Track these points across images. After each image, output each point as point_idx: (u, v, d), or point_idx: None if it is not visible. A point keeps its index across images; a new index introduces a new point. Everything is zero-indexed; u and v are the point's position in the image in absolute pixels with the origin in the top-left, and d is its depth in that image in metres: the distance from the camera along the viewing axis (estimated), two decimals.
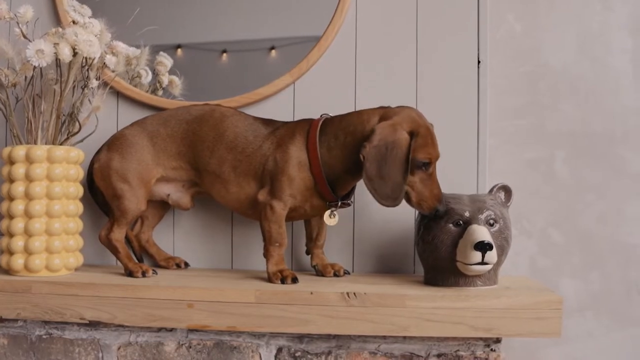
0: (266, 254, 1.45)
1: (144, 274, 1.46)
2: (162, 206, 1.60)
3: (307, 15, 1.64)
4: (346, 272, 1.52)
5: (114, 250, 1.51)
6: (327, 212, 1.44)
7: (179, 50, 1.69)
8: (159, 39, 1.67)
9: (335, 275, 1.50)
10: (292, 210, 1.44)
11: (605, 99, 1.72)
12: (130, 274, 1.47)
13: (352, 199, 1.46)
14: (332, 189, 1.41)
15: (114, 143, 1.52)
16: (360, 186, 1.47)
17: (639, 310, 1.72)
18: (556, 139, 1.74)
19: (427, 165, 1.36)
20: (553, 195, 1.74)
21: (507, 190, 1.44)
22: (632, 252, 1.72)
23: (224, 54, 1.66)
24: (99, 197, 1.58)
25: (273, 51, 1.64)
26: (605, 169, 1.73)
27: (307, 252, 1.55)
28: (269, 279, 1.42)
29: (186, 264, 1.62)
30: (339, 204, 1.43)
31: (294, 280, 1.40)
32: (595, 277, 1.73)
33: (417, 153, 1.34)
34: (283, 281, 1.40)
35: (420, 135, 1.35)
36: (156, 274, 1.50)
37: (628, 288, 1.72)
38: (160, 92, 1.68)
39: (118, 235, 1.50)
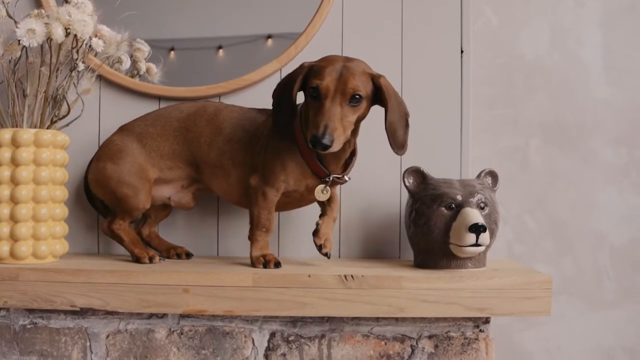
0: (251, 238, 1.44)
1: (150, 260, 1.43)
2: (164, 206, 1.57)
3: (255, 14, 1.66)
4: (329, 255, 1.45)
5: (119, 239, 1.48)
6: (319, 187, 1.40)
7: None
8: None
9: (319, 249, 1.42)
10: (287, 196, 1.43)
11: (576, 91, 1.79)
12: (137, 259, 1.44)
13: (347, 176, 1.43)
14: (324, 166, 1.40)
15: (103, 151, 1.50)
16: None
17: (609, 294, 1.79)
18: (530, 128, 1.79)
19: (317, 94, 1.30)
20: (527, 183, 1.80)
21: (493, 175, 1.48)
22: (602, 239, 1.79)
23: (172, 52, 1.65)
24: (99, 204, 1.57)
25: (220, 50, 1.64)
26: (577, 158, 1.79)
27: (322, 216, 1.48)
28: (252, 264, 1.42)
29: (188, 255, 1.56)
30: (331, 178, 1.40)
31: (277, 264, 1.40)
32: (568, 263, 1.79)
33: (308, 83, 1.32)
34: (265, 265, 1.40)
35: (319, 66, 1.32)
36: (163, 259, 1.49)
37: (598, 273, 1.79)
38: (137, 80, 1.65)
39: (120, 225, 1.48)
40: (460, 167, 1.62)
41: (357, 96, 1.30)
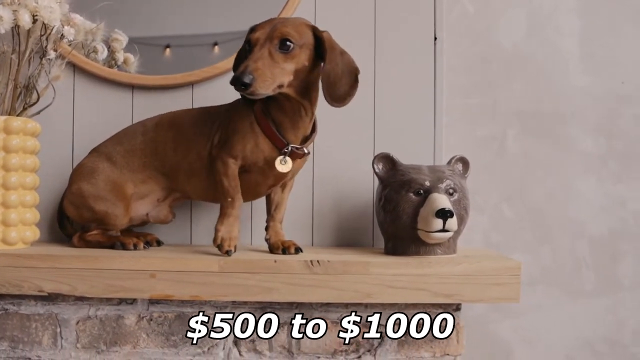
0: (220, 210, 1.41)
1: (135, 246, 1.44)
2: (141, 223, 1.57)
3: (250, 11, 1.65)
4: (298, 250, 1.43)
5: (96, 243, 1.47)
6: (279, 158, 1.39)
7: None
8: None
9: (284, 252, 1.42)
10: (248, 170, 1.41)
11: (554, 79, 1.78)
12: (122, 245, 1.44)
13: (306, 148, 1.42)
14: (282, 136, 1.38)
15: (76, 175, 1.50)
16: (322, 157, 1.47)
17: (587, 283, 1.78)
18: (507, 117, 1.79)
19: (249, 46, 1.31)
20: (505, 172, 1.79)
21: (464, 162, 1.47)
22: (580, 228, 1.78)
23: (167, 49, 1.66)
24: (69, 228, 1.58)
25: (216, 47, 1.65)
26: (555, 147, 1.79)
27: (267, 228, 1.53)
28: (214, 241, 1.38)
29: (158, 243, 1.57)
30: (290, 149, 1.39)
31: (228, 252, 1.36)
32: (546, 252, 1.79)
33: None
34: (228, 252, 1.36)
35: (258, 24, 1.34)
36: (147, 247, 1.49)
37: (577, 262, 1.78)
38: (115, 70, 1.65)
39: (96, 234, 1.48)
40: (433, 155, 1.61)
41: (287, 42, 1.29)
